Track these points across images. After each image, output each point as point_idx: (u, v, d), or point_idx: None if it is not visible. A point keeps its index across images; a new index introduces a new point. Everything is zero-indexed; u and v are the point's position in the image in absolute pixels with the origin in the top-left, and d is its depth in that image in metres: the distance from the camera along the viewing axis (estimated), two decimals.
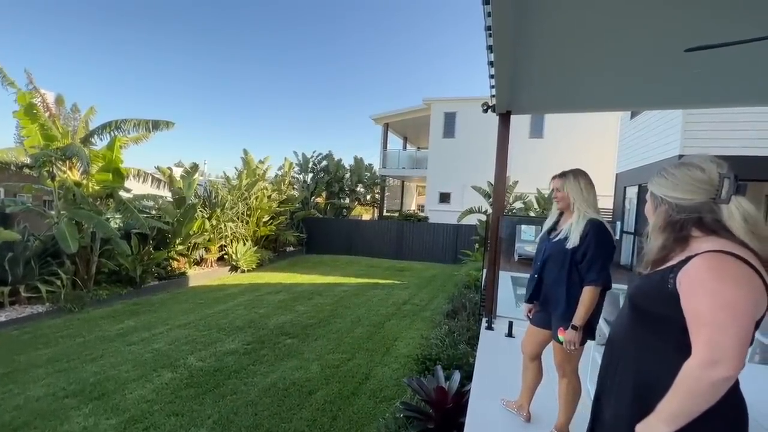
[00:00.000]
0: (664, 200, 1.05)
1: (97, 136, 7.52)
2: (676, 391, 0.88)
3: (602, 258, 1.89)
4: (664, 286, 0.97)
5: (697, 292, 0.89)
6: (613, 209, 11.01)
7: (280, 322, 6.12)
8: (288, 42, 55.13)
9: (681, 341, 0.94)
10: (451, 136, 16.66)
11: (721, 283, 0.87)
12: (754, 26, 2.00)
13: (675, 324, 0.95)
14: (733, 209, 0.94)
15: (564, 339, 1.91)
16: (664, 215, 1.04)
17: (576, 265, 1.93)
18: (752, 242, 0.91)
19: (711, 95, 3.65)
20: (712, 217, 0.96)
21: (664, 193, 1.04)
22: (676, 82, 3.23)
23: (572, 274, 1.94)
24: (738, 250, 0.90)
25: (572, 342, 1.88)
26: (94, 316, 6.21)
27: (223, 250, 10.98)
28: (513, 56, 2.71)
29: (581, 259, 1.91)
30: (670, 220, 1.02)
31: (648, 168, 8.24)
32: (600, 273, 1.86)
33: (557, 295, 1.99)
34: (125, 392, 3.76)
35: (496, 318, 4.20)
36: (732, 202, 0.94)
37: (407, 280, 10.00)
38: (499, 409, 2.52)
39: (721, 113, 6.18)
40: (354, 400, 3.78)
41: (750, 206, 0.94)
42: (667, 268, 0.98)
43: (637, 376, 1.02)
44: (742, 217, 0.93)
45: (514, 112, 4.17)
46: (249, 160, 12.81)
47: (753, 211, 0.94)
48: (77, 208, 6.92)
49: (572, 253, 1.93)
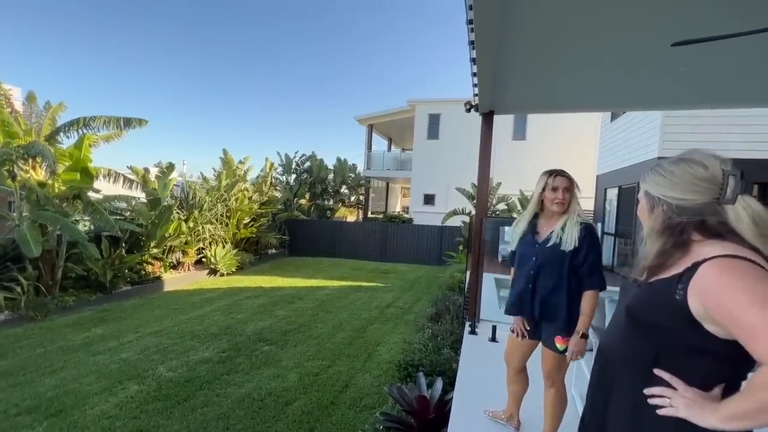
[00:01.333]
0: (662, 201, 0.93)
1: (64, 133, 7.13)
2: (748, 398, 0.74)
3: (600, 262, 1.85)
4: (670, 297, 0.84)
5: (722, 300, 0.76)
6: (595, 210, 11.17)
7: (259, 327, 5.89)
8: (269, 41, 54.37)
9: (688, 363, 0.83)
10: (435, 138, 16.66)
11: (745, 280, 0.76)
12: (740, 21, 1.95)
13: (680, 340, 0.84)
14: (741, 210, 0.83)
15: (569, 348, 1.81)
16: (662, 217, 0.92)
17: (574, 270, 1.83)
18: (765, 247, 0.80)
19: (693, 96, 3.66)
20: (717, 219, 0.86)
21: (662, 192, 0.92)
22: (658, 82, 3.21)
23: (571, 279, 1.84)
24: (751, 255, 0.79)
25: (581, 351, 1.79)
26: (58, 325, 5.84)
27: (201, 253, 10.62)
28: (495, 52, 2.62)
29: (582, 263, 1.82)
30: (669, 223, 0.91)
31: (628, 170, 8.36)
32: (601, 277, 1.83)
33: (557, 303, 1.86)
34: (85, 408, 3.49)
35: (479, 322, 4.11)
36: (739, 202, 0.84)
37: (391, 282, 9.88)
38: (483, 419, 2.41)
39: (701, 116, 6.27)
40: (333, 410, 3.61)
41: (760, 207, 0.84)
42: (673, 277, 0.86)
43: (636, 399, 0.90)
44: (751, 220, 0.82)
45: (497, 112, 4.10)
46: (229, 160, 12.47)
47: (764, 212, 0.83)
48: (41, 210, 6.52)
49: (571, 258, 1.82)
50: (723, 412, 0.77)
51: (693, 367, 0.84)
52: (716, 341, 0.80)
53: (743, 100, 4.08)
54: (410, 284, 9.69)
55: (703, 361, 0.84)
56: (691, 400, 0.81)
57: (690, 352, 0.84)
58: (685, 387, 0.83)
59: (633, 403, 0.90)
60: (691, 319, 0.82)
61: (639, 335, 0.93)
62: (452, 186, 13.12)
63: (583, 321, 1.79)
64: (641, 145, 7.54)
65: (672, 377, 0.85)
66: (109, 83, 54.32)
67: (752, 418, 0.73)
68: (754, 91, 3.43)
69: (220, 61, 56.64)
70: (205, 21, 54.18)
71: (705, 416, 0.79)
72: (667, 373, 0.86)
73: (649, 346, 0.90)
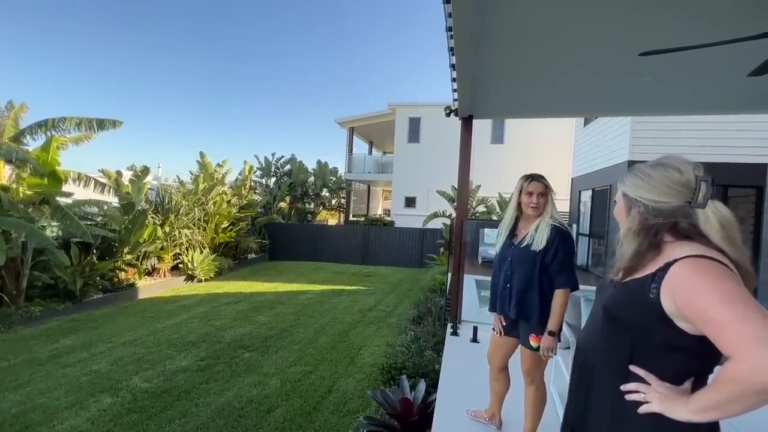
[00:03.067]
0: (639, 202, 0.97)
1: (30, 135, 6.81)
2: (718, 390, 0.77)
3: (571, 261, 1.90)
4: (644, 296, 0.89)
5: (693, 298, 0.81)
6: (570, 212, 11.52)
7: (239, 334, 5.77)
8: (246, 41, 53.57)
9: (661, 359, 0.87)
10: (416, 141, 16.79)
11: (714, 279, 0.80)
12: (702, 35, 2.08)
13: (654, 337, 0.88)
14: (710, 214, 0.89)
15: (541, 346, 1.87)
16: (639, 218, 0.96)
17: (545, 269, 1.90)
18: (729, 249, 0.86)
19: (660, 103, 3.85)
20: (688, 221, 0.91)
21: (640, 194, 0.96)
22: (628, 90, 3.36)
23: (542, 279, 1.90)
24: (717, 255, 0.84)
25: (551, 348, 1.85)
26: (24, 336, 5.55)
27: (177, 258, 10.31)
28: (474, 59, 2.68)
29: (551, 263, 1.88)
30: (645, 224, 0.95)
31: (600, 173, 8.68)
32: (571, 276, 1.87)
33: (530, 302, 1.93)
34: (54, 423, 3.33)
35: (461, 323, 4.16)
36: (708, 206, 0.90)
37: (373, 285, 9.87)
38: (465, 419, 2.45)
39: (667, 121, 6.60)
40: (316, 415, 3.58)
41: (727, 211, 0.89)
42: (647, 277, 0.91)
43: (615, 397, 0.93)
44: (719, 223, 0.88)
45: (476, 117, 4.18)
46: (206, 163, 12.18)
47: (730, 216, 0.89)
48: (4, 216, 6.19)
49: (541, 258, 1.89)
50: (694, 404, 0.81)
51: (665, 362, 0.89)
52: (687, 337, 0.85)
53: (704, 108, 4.34)
54: (392, 287, 9.71)
55: (675, 357, 0.88)
56: (664, 395, 0.85)
57: (663, 349, 0.88)
58: (658, 382, 0.87)
59: (613, 401, 0.94)
60: (664, 317, 0.86)
61: (616, 333, 0.96)
62: (433, 189, 13.26)
63: (552, 319, 1.85)
64: (612, 149, 7.85)
65: (646, 373, 0.89)
66: (82, 83, 52.17)
67: (722, 408, 0.77)
68: (714, 100, 3.65)
69: (197, 61, 55.32)
70: (180, 18, 52.87)
71: (677, 409, 0.83)
72: (642, 369, 0.90)
73: (626, 344, 0.93)
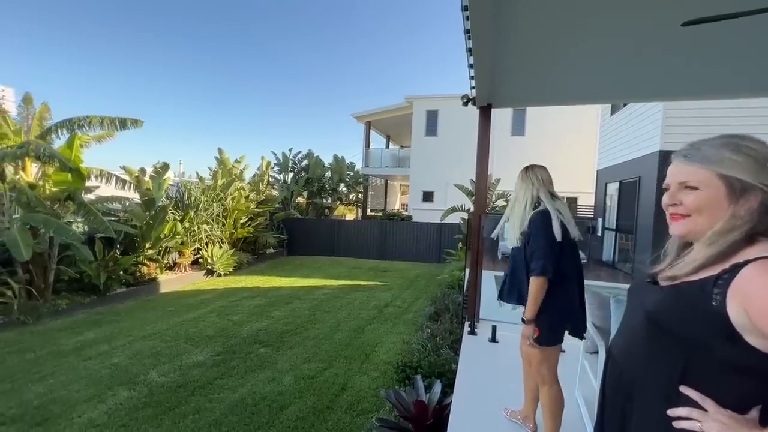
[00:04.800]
0: (755, 187, 0.75)
1: (55, 134, 7.00)
2: None
3: (541, 247, 1.84)
4: (704, 303, 0.72)
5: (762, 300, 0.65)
6: (595, 206, 11.05)
7: (255, 329, 5.78)
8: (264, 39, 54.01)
9: (721, 381, 0.71)
10: (433, 135, 16.52)
11: None
12: None
13: (713, 354, 0.72)
14: None
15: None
16: (759, 209, 0.75)
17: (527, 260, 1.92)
18: None
19: (696, 87, 3.52)
20: None
21: (753, 177, 0.75)
22: (660, 72, 3.08)
23: (527, 268, 1.91)
24: None
25: (526, 336, 1.87)
26: (50, 329, 5.73)
27: (198, 253, 10.50)
28: (493, 42, 2.49)
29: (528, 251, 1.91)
30: (762, 216, 0.74)
31: (628, 165, 8.24)
32: (540, 262, 1.81)
33: (525, 294, 1.96)
34: (72, 416, 3.38)
35: (479, 321, 4.00)
36: None
37: (390, 281, 9.77)
38: (483, 424, 2.31)
39: (704, 107, 6.14)
40: (329, 414, 3.50)
41: None
42: (707, 279, 0.73)
43: (661, 422, 0.77)
44: None
45: (495, 105, 3.97)
46: (224, 159, 12.34)
47: None
48: (32, 212, 6.40)
49: (524, 247, 1.94)
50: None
51: (727, 385, 0.72)
52: (759, 356, 0.68)
53: (746, 91, 3.95)
54: (409, 283, 9.59)
55: (740, 380, 0.71)
56: (726, 424, 0.68)
57: (725, 369, 0.71)
58: (718, 408, 0.71)
59: (658, 428, 0.78)
60: (729, 330, 0.69)
61: (664, 347, 0.80)
62: (451, 183, 13.00)
63: (527, 307, 1.86)
64: (642, 139, 7.42)
65: (702, 396, 0.73)
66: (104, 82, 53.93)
67: None
68: (757, 81, 3.30)
69: (215, 59, 56.23)
70: (200, 18, 53.82)
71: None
72: (695, 392, 0.73)
73: (676, 361, 0.77)
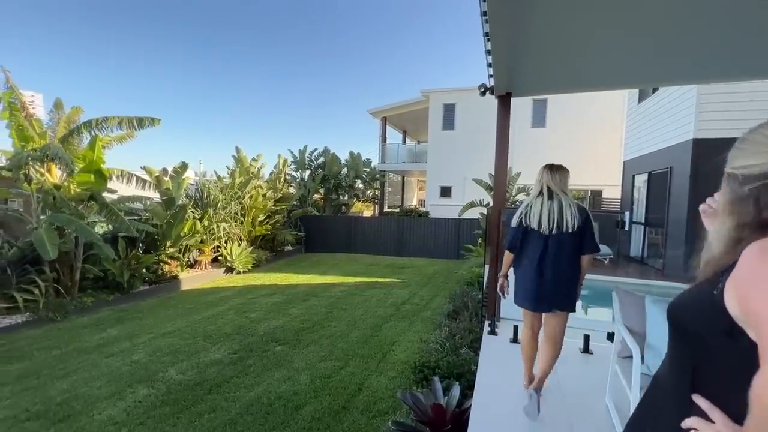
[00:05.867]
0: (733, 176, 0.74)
1: (77, 135, 7.18)
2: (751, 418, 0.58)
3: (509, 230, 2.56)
4: (709, 294, 0.66)
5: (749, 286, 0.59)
6: (622, 199, 10.58)
7: (271, 327, 5.78)
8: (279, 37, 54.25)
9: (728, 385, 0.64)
10: (450, 128, 16.22)
11: None
12: None
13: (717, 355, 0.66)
14: None
15: None
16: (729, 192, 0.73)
17: None
18: None
19: (732, 68, 3.23)
20: None
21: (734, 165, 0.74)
22: (693, 52, 2.82)
23: None
24: None
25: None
26: (77, 325, 5.89)
27: (217, 251, 10.66)
28: (511, 24, 2.32)
29: None
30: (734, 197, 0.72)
31: (658, 154, 7.80)
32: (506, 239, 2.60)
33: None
34: (93, 413, 3.43)
35: (499, 321, 3.84)
36: None
37: (407, 278, 9.64)
38: (504, 431, 2.17)
39: (741, 90, 5.70)
40: (345, 415, 3.43)
41: None
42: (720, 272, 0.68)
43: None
44: None
45: (515, 94, 3.77)
46: (242, 158, 12.46)
47: None
48: (57, 212, 6.59)
49: None
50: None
51: (734, 390, 0.62)
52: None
53: None
54: (427, 279, 9.44)
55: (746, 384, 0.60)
56: None
57: (729, 370, 0.64)
58: (725, 421, 0.63)
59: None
60: (727, 323, 0.61)
61: (678, 347, 0.74)
62: (469, 177, 12.74)
63: None
64: (673, 127, 7.00)
65: (710, 406, 0.65)
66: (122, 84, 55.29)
67: None
68: None
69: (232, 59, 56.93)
70: (218, 18, 54.59)
71: None
72: (705, 401, 0.66)
73: (687, 362, 0.71)
